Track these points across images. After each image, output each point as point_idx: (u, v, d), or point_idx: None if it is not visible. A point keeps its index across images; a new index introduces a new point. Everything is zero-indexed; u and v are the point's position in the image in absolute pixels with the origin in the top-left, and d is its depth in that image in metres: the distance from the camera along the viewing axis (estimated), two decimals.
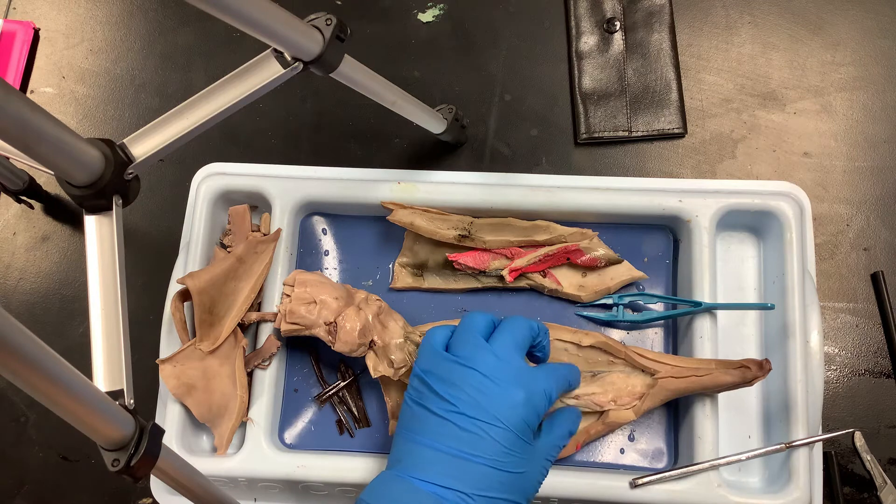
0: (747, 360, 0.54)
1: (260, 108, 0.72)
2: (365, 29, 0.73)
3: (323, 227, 0.66)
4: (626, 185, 0.62)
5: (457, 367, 0.50)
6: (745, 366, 0.54)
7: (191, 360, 0.59)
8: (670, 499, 0.55)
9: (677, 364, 0.56)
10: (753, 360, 0.54)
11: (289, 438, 0.61)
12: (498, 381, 0.49)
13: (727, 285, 0.62)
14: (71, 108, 0.74)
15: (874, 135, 0.68)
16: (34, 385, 0.33)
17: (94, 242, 0.49)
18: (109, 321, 0.47)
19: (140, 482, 0.41)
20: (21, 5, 0.77)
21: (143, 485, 0.62)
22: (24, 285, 0.69)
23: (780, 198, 0.61)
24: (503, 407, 0.48)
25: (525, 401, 0.49)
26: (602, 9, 0.71)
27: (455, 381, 0.49)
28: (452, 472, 0.47)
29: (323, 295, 0.58)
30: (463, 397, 0.49)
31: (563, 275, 0.62)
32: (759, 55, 0.70)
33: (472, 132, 0.70)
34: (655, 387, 0.55)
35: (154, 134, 0.50)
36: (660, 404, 0.56)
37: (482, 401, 0.48)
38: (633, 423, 0.59)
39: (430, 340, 0.53)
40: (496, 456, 0.47)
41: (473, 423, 0.48)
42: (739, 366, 0.54)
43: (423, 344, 0.53)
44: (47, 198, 0.71)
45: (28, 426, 0.66)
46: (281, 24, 0.43)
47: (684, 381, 0.55)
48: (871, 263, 0.65)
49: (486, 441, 0.48)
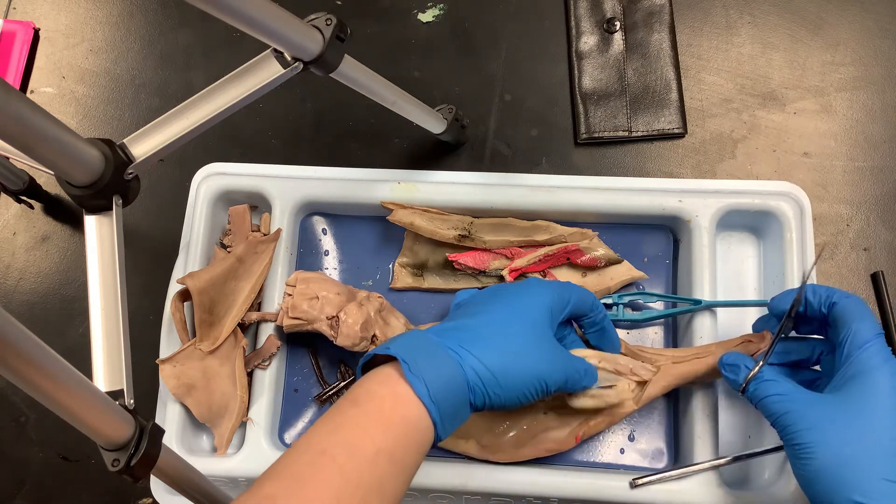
0: (748, 334, 0.55)
1: (260, 108, 0.72)
2: (365, 29, 0.73)
3: (323, 227, 0.66)
4: (626, 185, 0.62)
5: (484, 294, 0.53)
6: (747, 339, 0.55)
7: (191, 360, 0.59)
8: (670, 499, 0.55)
9: (678, 353, 0.56)
10: (755, 333, 0.55)
11: (289, 438, 0.61)
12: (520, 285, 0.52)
13: (727, 285, 0.62)
14: (71, 108, 0.74)
15: (874, 135, 0.68)
16: (34, 385, 0.33)
17: (94, 242, 0.49)
18: (109, 321, 0.47)
19: (140, 482, 0.41)
20: (21, 5, 0.77)
21: (143, 485, 0.62)
22: (24, 285, 0.69)
23: (780, 198, 0.61)
24: (524, 292, 0.51)
25: (546, 290, 0.51)
26: (602, 9, 0.71)
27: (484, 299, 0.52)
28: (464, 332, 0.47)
29: (325, 290, 0.58)
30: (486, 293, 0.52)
31: (563, 275, 0.62)
32: (759, 55, 0.70)
33: (472, 132, 0.70)
34: (657, 373, 0.55)
35: (154, 134, 0.50)
36: (661, 392, 0.55)
37: (504, 292, 0.51)
38: (634, 423, 0.59)
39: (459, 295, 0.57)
40: (512, 321, 0.48)
41: (494, 303, 0.50)
42: (741, 341, 0.55)
43: (454, 299, 0.56)
44: (47, 198, 0.71)
45: (28, 426, 0.66)
46: (281, 24, 0.43)
47: (687, 364, 0.55)
48: (871, 263, 0.65)
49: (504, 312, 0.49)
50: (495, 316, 0.49)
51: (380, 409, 0.42)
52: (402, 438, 0.42)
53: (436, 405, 0.43)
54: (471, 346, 0.45)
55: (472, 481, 0.56)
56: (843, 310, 0.49)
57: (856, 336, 0.47)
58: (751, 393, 0.49)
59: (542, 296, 0.50)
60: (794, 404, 0.46)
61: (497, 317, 0.48)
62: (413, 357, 0.43)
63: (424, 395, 0.42)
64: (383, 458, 0.41)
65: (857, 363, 0.46)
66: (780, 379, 0.48)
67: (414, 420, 0.42)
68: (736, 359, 0.51)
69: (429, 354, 0.44)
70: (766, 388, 0.48)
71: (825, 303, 0.50)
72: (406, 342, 0.45)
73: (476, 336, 0.46)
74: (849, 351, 0.47)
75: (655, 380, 0.55)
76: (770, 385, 0.48)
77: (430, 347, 0.45)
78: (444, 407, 0.43)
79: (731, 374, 0.51)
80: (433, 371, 0.43)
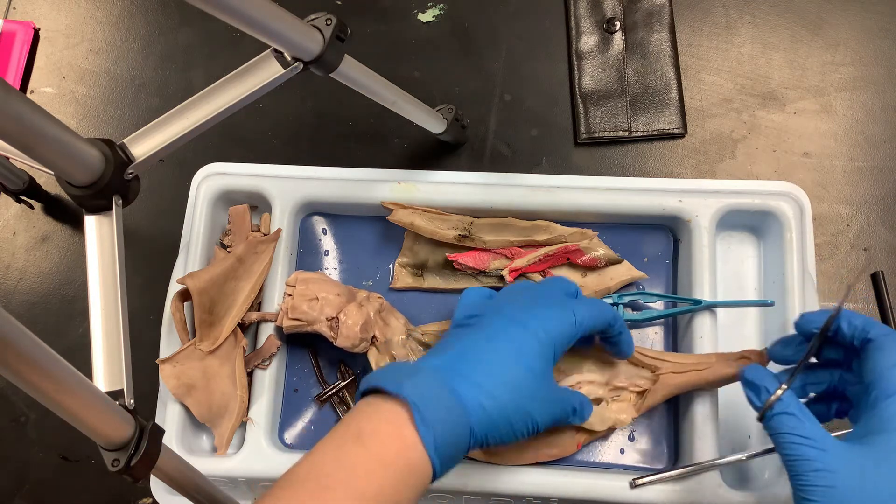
0: (747, 350, 0.55)
1: (260, 108, 0.72)
2: (365, 29, 0.73)
3: (323, 227, 0.66)
4: (626, 185, 0.62)
5: (493, 301, 0.53)
6: (746, 356, 0.54)
7: (191, 360, 0.59)
8: (670, 499, 0.55)
9: (678, 360, 0.56)
10: (754, 350, 0.54)
11: (289, 438, 0.61)
12: (529, 299, 0.51)
13: (727, 285, 0.62)
14: (71, 108, 0.73)
15: (874, 135, 0.68)
16: (34, 385, 0.33)
17: (94, 242, 0.49)
18: (109, 321, 0.47)
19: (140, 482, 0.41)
20: (21, 5, 0.77)
21: (143, 485, 0.62)
22: (24, 285, 0.69)
23: (780, 198, 0.61)
24: (530, 314, 0.49)
25: (552, 314, 0.49)
26: (602, 9, 0.71)
27: (487, 308, 0.51)
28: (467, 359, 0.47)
29: (324, 292, 0.58)
30: (492, 310, 0.51)
31: (563, 275, 0.62)
32: (759, 55, 0.70)
33: (472, 132, 0.70)
34: (657, 383, 0.55)
35: (154, 134, 0.50)
36: (661, 401, 0.56)
37: (511, 308, 0.50)
38: (634, 422, 0.59)
39: (468, 294, 0.55)
40: (515, 352, 0.47)
41: (499, 322, 0.49)
42: (740, 357, 0.54)
43: (462, 297, 0.55)
44: (47, 198, 0.71)
45: (28, 426, 0.66)
46: (281, 24, 0.43)
47: (685, 375, 0.55)
48: (871, 263, 0.65)
49: (507, 338, 0.48)
50: (503, 353, 0.48)
51: (385, 450, 0.43)
52: (402, 481, 0.42)
53: (439, 455, 0.43)
54: (478, 391, 0.46)
55: (472, 482, 0.56)
56: (879, 349, 0.44)
57: (889, 384, 0.42)
58: (768, 422, 0.44)
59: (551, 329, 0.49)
60: (812, 452, 0.42)
61: (504, 354, 0.47)
62: (425, 404, 0.43)
63: (431, 445, 0.43)
64: (383, 500, 0.42)
65: (885, 416, 0.42)
66: (802, 416, 0.43)
67: (416, 464, 0.43)
68: (758, 377, 0.46)
69: (439, 402, 0.44)
70: (786, 424, 0.43)
71: (859, 336, 0.45)
72: (418, 385, 0.45)
73: (483, 376, 0.46)
74: (877, 397, 0.42)
75: (655, 389, 0.55)
76: (790, 421, 0.43)
77: (441, 393, 0.45)
78: (446, 455, 0.44)
79: (751, 393, 0.46)
80: (442, 421, 0.44)
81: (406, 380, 0.45)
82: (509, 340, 0.48)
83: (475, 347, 0.48)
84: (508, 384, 0.46)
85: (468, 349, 0.48)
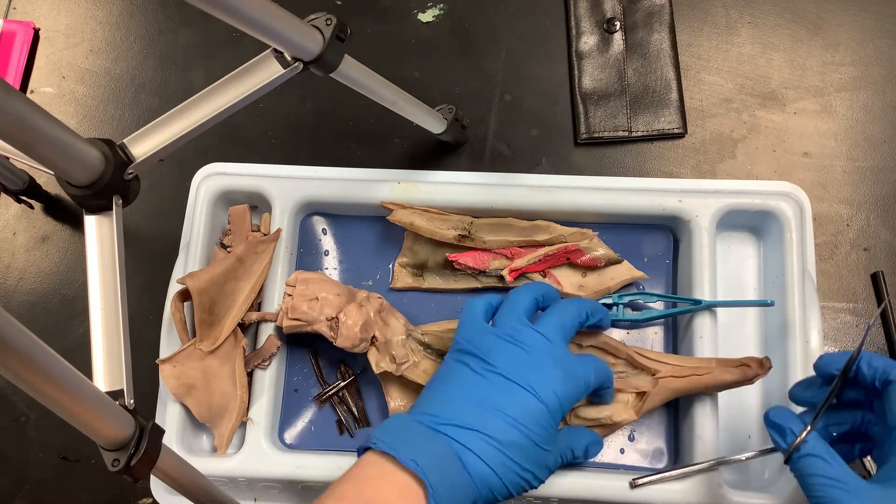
0: (748, 357, 0.54)
1: (260, 108, 0.72)
2: (365, 29, 0.73)
3: (323, 227, 0.66)
4: (626, 185, 0.62)
5: (500, 341, 0.51)
6: (746, 364, 0.54)
7: (191, 360, 0.59)
8: (670, 499, 0.55)
9: (678, 363, 0.56)
10: (754, 358, 0.54)
11: (289, 438, 0.61)
12: (539, 359, 0.50)
13: (727, 285, 0.62)
14: (71, 108, 0.74)
15: (874, 135, 0.68)
16: (34, 385, 0.33)
17: (94, 242, 0.49)
18: (109, 321, 0.47)
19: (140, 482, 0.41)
20: (21, 5, 0.77)
21: (143, 485, 0.62)
22: (24, 285, 0.69)
23: (780, 198, 0.61)
24: (541, 379, 0.49)
25: (563, 379, 0.49)
26: (602, 9, 0.71)
27: (498, 352, 0.50)
28: (475, 417, 0.47)
29: (324, 292, 0.58)
30: (501, 359, 0.49)
31: (563, 275, 0.62)
32: (759, 55, 0.70)
33: (472, 132, 0.70)
34: (657, 386, 0.55)
35: (154, 134, 0.50)
36: (660, 404, 0.56)
37: (522, 369, 0.49)
38: (634, 423, 0.59)
39: (472, 311, 0.53)
40: (523, 420, 0.47)
41: (509, 384, 0.48)
42: (740, 364, 0.54)
43: (464, 314, 0.54)
44: (47, 198, 0.71)
45: (28, 426, 0.66)
46: (281, 24, 0.43)
47: (685, 380, 0.55)
48: (871, 263, 0.65)
49: (517, 403, 0.48)
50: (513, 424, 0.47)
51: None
52: None
53: None
54: (488, 471, 0.46)
55: None
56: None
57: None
58: (795, 464, 0.44)
59: (562, 396, 0.49)
60: (842, 494, 0.42)
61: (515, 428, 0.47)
62: (438, 481, 0.44)
63: None
64: None
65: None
66: (829, 458, 0.43)
67: None
68: (783, 419, 0.46)
69: (451, 481, 0.45)
70: (814, 466, 0.43)
71: (880, 377, 0.45)
72: (431, 459, 0.45)
73: (494, 454, 0.47)
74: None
75: (654, 393, 0.55)
76: (818, 463, 0.43)
77: (453, 471, 0.45)
78: None
79: (776, 435, 0.46)
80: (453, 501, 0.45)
81: (419, 450, 0.45)
82: (521, 412, 0.48)
83: (486, 408, 0.48)
84: (516, 460, 0.47)
85: (480, 410, 0.48)
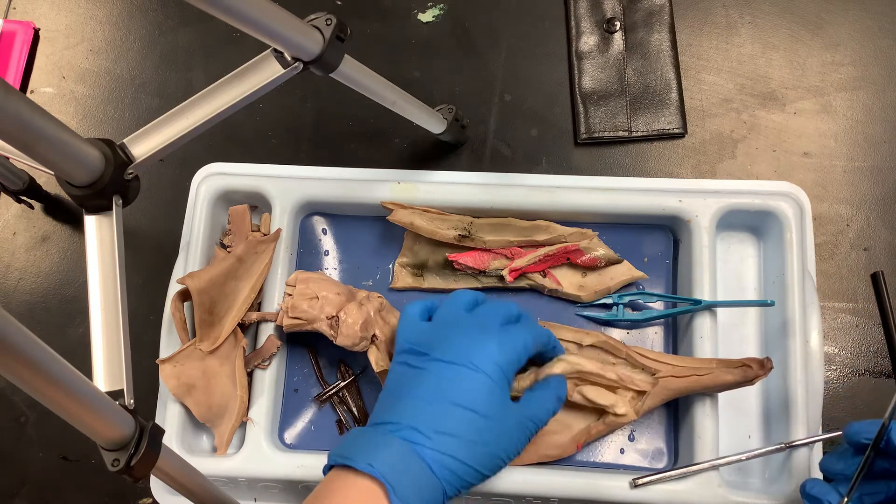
0: (748, 358, 0.54)
1: (260, 108, 0.72)
2: (365, 29, 0.73)
3: (323, 227, 0.66)
4: (626, 185, 0.62)
5: (435, 329, 0.52)
6: (747, 364, 0.54)
7: (191, 360, 0.59)
8: (670, 499, 0.55)
9: (678, 364, 0.56)
10: (754, 359, 0.54)
11: (289, 438, 0.61)
12: (472, 334, 0.50)
13: (727, 285, 0.62)
14: (71, 108, 0.74)
15: (874, 135, 0.68)
16: (34, 385, 0.33)
17: (94, 242, 0.49)
18: (109, 321, 0.47)
19: (140, 482, 0.41)
20: (21, 5, 0.77)
21: (143, 485, 0.62)
22: (24, 285, 0.69)
23: (780, 198, 0.61)
24: (478, 352, 0.49)
25: (499, 346, 0.49)
26: (602, 9, 0.71)
27: (432, 339, 0.51)
28: (423, 411, 0.47)
29: (325, 291, 0.58)
30: (438, 346, 0.50)
31: (563, 275, 0.63)
32: (759, 55, 0.70)
33: (472, 132, 0.70)
34: (657, 386, 0.55)
35: (154, 134, 0.50)
36: (660, 404, 0.56)
37: (458, 349, 0.49)
38: (633, 423, 0.59)
39: (408, 314, 0.55)
40: (470, 399, 0.48)
41: (448, 366, 0.49)
42: (740, 364, 0.54)
43: (402, 317, 0.55)
44: (47, 198, 0.71)
45: (28, 426, 0.66)
46: (281, 24, 0.43)
47: (685, 380, 0.55)
48: (871, 263, 0.65)
49: (460, 383, 0.48)
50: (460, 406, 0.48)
51: None
52: None
53: None
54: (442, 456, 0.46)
55: None
56: None
57: None
58: None
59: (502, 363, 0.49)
60: None
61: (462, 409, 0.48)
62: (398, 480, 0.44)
63: None
64: None
65: None
66: None
67: None
68: (820, 491, 0.47)
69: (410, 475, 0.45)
70: None
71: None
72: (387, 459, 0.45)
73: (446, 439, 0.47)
74: None
75: (654, 393, 0.55)
76: None
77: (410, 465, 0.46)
78: None
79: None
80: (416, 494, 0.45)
81: (374, 454, 0.45)
82: (465, 391, 0.48)
83: (431, 400, 0.48)
84: (472, 440, 0.47)
85: (426, 404, 0.48)
